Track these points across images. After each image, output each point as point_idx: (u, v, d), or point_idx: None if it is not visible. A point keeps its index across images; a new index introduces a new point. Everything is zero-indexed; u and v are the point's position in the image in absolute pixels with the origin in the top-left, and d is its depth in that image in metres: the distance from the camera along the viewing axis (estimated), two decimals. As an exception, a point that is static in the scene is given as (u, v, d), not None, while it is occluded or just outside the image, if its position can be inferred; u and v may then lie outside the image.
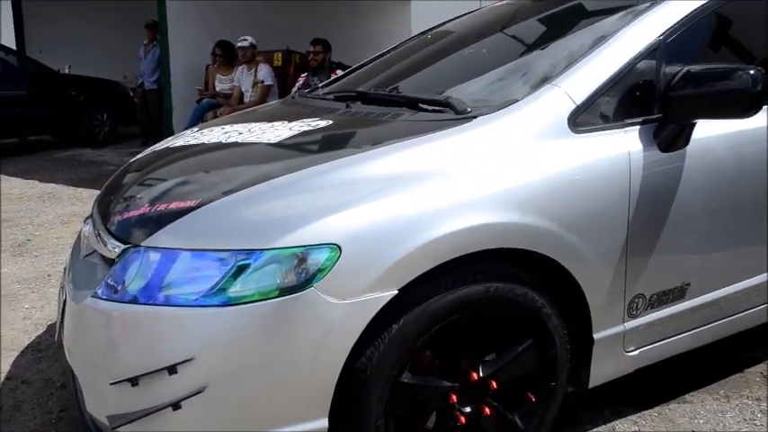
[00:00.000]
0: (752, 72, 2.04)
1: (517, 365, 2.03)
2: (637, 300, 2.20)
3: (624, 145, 2.08)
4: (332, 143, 2.08)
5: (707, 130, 2.27)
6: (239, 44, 7.96)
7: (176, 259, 1.75)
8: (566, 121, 2.01)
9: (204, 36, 9.11)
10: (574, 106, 2.03)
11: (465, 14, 3.48)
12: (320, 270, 1.66)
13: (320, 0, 10.31)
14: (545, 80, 2.11)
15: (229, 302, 1.66)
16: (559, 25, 2.72)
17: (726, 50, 2.61)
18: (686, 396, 2.68)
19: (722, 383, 2.78)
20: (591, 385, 2.23)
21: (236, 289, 1.67)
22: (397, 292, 1.72)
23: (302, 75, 7.32)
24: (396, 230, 1.72)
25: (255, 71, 7.93)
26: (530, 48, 2.58)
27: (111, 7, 12.71)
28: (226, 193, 1.84)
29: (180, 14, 9.29)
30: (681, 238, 2.26)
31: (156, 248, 1.79)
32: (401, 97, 2.39)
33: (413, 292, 1.76)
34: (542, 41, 2.59)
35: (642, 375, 2.45)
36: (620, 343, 2.22)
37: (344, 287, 1.67)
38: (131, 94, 10.59)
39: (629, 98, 2.15)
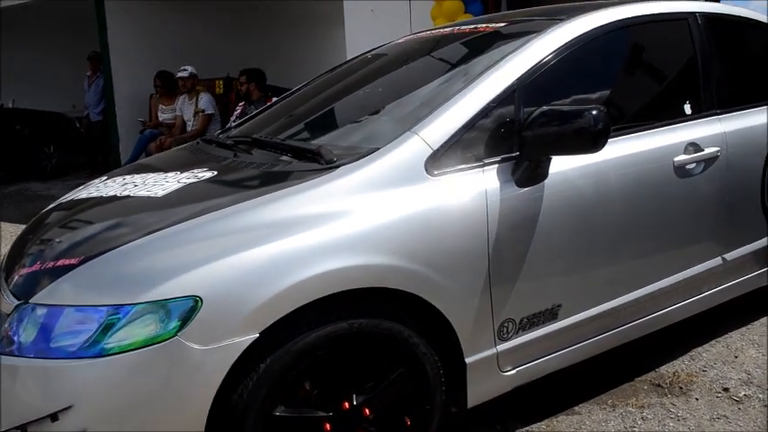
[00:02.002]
0: (594, 112, 2.25)
1: (390, 392, 2.19)
2: (506, 324, 2.38)
3: (481, 184, 2.27)
4: (209, 196, 2.23)
5: (567, 163, 2.46)
6: (179, 75, 8.09)
7: (59, 315, 1.91)
8: (423, 167, 2.19)
9: (148, 66, 9.20)
10: (431, 151, 2.21)
11: (372, 50, 3.65)
12: (183, 320, 1.82)
13: (263, 27, 10.47)
14: (408, 126, 2.29)
15: (102, 353, 1.82)
16: (438, 68, 2.91)
17: (592, 87, 2.81)
18: (576, 407, 2.85)
19: (612, 393, 2.96)
20: (470, 405, 2.40)
21: (108, 341, 1.83)
22: (258, 335, 1.88)
23: (240, 104, 7.48)
24: (255, 279, 1.89)
25: (196, 101, 8.05)
26: (406, 91, 2.76)
27: (54, 39, 12.71)
28: (105, 251, 2.00)
29: (122, 45, 9.39)
30: (546, 265, 2.45)
31: (41, 305, 1.95)
32: (285, 145, 2.56)
33: (276, 334, 1.93)
34: (418, 85, 2.77)
35: (541, 389, 2.65)
36: (494, 364, 2.39)
37: (207, 334, 1.84)
38: (78, 124, 10.63)
39: (487, 139, 2.34)
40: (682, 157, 2.84)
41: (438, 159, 2.23)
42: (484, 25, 3.08)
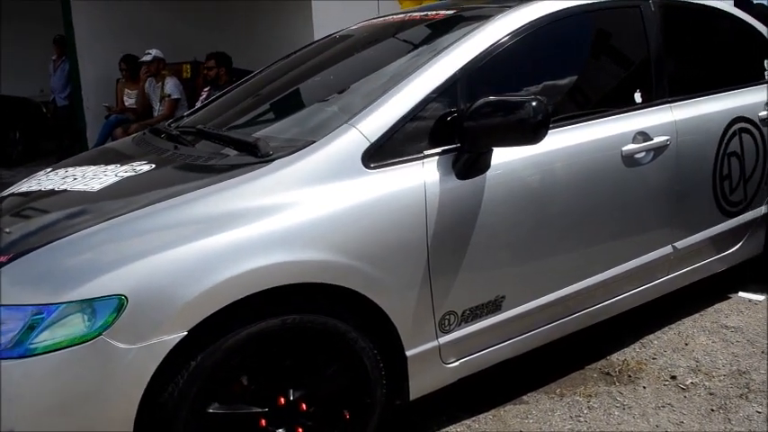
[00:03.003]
0: (534, 103, 2.23)
1: (327, 387, 2.19)
2: (448, 316, 2.38)
3: (420, 176, 2.25)
4: (143, 191, 2.19)
5: (512, 154, 2.45)
6: (143, 59, 7.96)
7: None
8: (360, 160, 2.17)
9: (114, 50, 9.02)
10: (368, 144, 2.19)
11: (325, 37, 3.61)
12: (108, 320, 1.80)
13: (231, 8, 10.31)
14: (347, 119, 2.26)
15: (27, 353, 1.79)
16: (384, 57, 2.88)
17: (540, 76, 2.79)
18: (524, 396, 2.86)
19: (561, 381, 2.97)
20: (412, 397, 2.40)
21: (33, 341, 1.79)
22: (186, 333, 1.86)
23: (205, 89, 7.39)
24: (182, 277, 1.87)
25: (162, 85, 7.94)
26: (351, 81, 2.73)
27: (21, 22, 12.45)
28: (34, 248, 1.95)
29: (88, 29, 9.18)
30: (488, 257, 2.44)
31: None
32: (225, 137, 2.53)
33: (207, 331, 1.91)
34: (363, 74, 2.74)
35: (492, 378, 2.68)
36: (436, 356, 2.39)
37: (133, 333, 1.81)
38: (44, 109, 10.45)
39: (428, 130, 2.32)
40: (630, 147, 2.84)
41: (376, 152, 2.20)
42: (434, 12, 3.04)
